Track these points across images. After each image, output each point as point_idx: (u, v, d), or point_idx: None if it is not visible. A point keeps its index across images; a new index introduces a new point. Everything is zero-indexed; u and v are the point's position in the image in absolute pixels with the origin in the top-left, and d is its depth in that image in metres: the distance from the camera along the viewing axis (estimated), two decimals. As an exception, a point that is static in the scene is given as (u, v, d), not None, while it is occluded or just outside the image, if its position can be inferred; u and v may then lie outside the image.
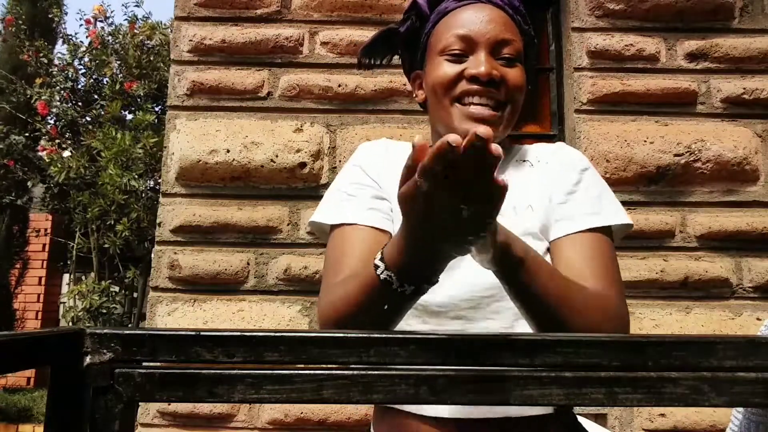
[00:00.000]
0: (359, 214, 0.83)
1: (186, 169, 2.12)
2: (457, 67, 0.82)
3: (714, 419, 1.94)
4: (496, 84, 0.81)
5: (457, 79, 0.82)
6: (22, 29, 5.36)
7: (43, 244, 5.90)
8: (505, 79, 0.82)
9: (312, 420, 1.95)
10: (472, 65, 0.81)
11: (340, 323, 0.70)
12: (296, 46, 2.21)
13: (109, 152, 3.83)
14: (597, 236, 0.80)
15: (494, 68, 0.80)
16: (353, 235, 0.81)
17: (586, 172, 0.87)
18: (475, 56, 0.81)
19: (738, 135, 2.14)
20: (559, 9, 2.33)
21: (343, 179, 0.90)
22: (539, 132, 2.39)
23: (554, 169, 0.86)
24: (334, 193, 0.89)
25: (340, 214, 0.84)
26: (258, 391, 0.35)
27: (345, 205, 0.85)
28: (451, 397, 0.35)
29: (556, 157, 0.88)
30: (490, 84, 0.80)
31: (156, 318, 2.06)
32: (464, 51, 0.82)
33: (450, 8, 0.85)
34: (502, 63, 0.82)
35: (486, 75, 0.79)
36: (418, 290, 0.63)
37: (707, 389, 0.35)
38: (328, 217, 0.85)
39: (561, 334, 0.38)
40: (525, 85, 0.85)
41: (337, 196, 0.87)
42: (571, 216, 0.80)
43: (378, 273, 0.62)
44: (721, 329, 2.03)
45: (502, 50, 0.82)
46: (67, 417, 0.35)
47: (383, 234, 0.82)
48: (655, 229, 2.08)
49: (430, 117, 0.91)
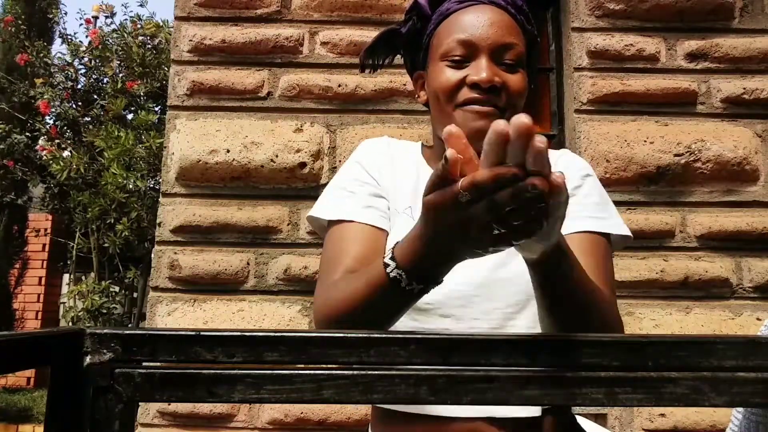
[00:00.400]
0: (357, 211, 0.83)
1: (186, 169, 2.12)
2: (459, 74, 0.82)
3: (714, 419, 1.94)
4: (497, 90, 0.81)
5: (459, 86, 0.82)
6: (21, 29, 5.36)
7: (43, 244, 5.90)
8: (507, 86, 0.82)
9: (312, 420, 1.95)
10: (474, 72, 0.81)
11: (340, 321, 0.70)
12: (296, 46, 2.21)
13: (113, 152, 3.83)
14: (597, 239, 0.79)
15: (495, 74, 0.80)
16: (351, 233, 0.81)
17: (589, 178, 0.87)
18: (477, 62, 0.81)
19: (738, 135, 2.14)
20: (559, 9, 2.33)
21: (343, 175, 0.90)
22: (539, 132, 2.39)
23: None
24: (334, 189, 0.88)
25: (338, 210, 0.84)
26: (258, 391, 0.35)
27: (344, 202, 0.85)
28: (451, 397, 0.35)
29: (559, 165, 0.88)
30: (491, 91, 0.80)
31: (156, 318, 2.06)
32: (465, 56, 0.82)
33: (452, 9, 0.85)
34: (504, 68, 0.82)
35: (487, 82, 0.79)
36: (424, 290, 0.63)
37: (707, 389, 0.35)
38: (327, 213, 0.85)
39: (561, 334, 0.38)
40: (526, 90, 0.85)
41: (337, 192, 0.87)
42: (572, 217, 0.79)
43: (388, 271, 0.62)
44: (721, 329, 2.03)
45: (504, 55, 0.82)
46: (67, 417, 0.35)
47: (380, 232, 0.82)
48: (655, 229, 2.08)
49: (431, 118, 0.91)
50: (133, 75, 4.48)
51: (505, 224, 0.48)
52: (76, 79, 4.86)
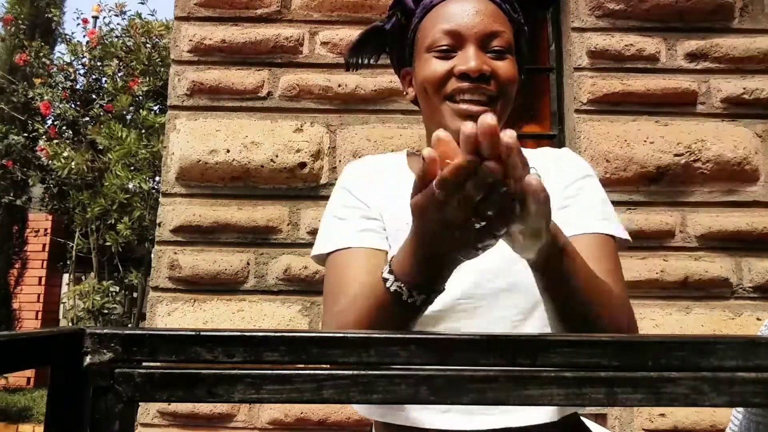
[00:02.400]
0: (352, 237, 0.81)
1: (186, 169, 2.12)
2: (446, 64, 0.79)
3: (714, 419, 1.94)
4: (487, 79, 0.78)
5: (447, 77, 0.79)
6: (21, 29, 5.36)
7: (43, 244, 5.90)
8: (496, 73, 0.79)
9: (312, 420, 1.95)
10: (461, 61, 0.78)
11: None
12: (296, 46, 2.21)
13: (116, 153, 3.83)
14: (606, 239, 0.78)
15: (484, 63, 0.78)
16: (349, 260, 0.79)
17: (591, 179, 0.85)
18: (464, 51, 0.79)
19: (738, 135, 2.14)
20: (559, 9, 2.33)
21: (332, 205, 0.88)
22: (539, 132, 2.39)
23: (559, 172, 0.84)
24: (326, 221, 0.87)
25: (331, 241, 0.83)
26: (258, 391, 0.35)
27: (337, 231, 0.83)
28: (451, 397, 0.35)
29: (561, 162, 0.87)
30: (480, 79, 0.78)
31: (156, 318, 2.06)
32: (452, 46, 0.80)
33: (435, 2, 0.83)
34: (492, 56, 0.80)
35: (476, 71, 0.77)
36: (428, 300, 0.61)
37: (707, 389, 0.35)
38: (324, 247, 0.84)
39: (561, 334, 0.38)
40: (517, 77, 0.82)
41: (329, 223, 0.86)
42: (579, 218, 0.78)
43: (387, 286, 0.61)
44: (721, 329, 2.03)
45: (491, 43, 0.80)
46: (67, 417, 0.35)
47: (380, 253, 0.80)
48: (655, 229, 2.08)
49: (423, 115, 0.89)
50: (132, 74, 4.48)
51: (481, 216, 0.49)
52: (75, 80, 4.85)
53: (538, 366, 0.36)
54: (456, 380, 0.36)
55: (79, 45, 4.97)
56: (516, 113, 2.53)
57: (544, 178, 0.84)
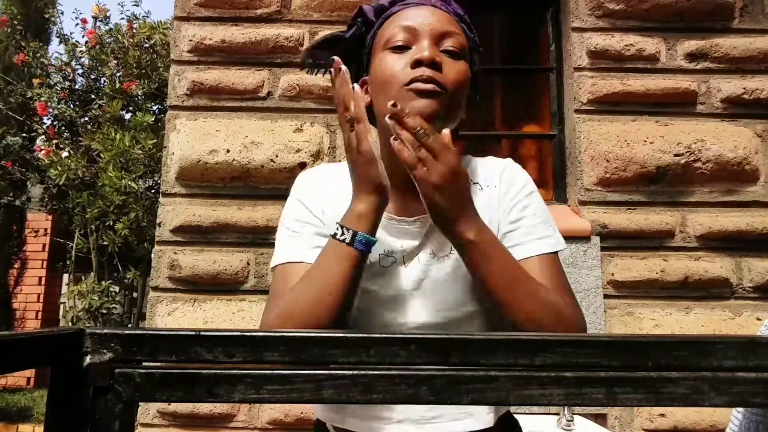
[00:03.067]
0: (303, 252, 0.83)
1: (186, 169, 2.12)
2: (402, 59, 0.81)
3: (714, 419, 1.94)
4: (439, 67, 0.80)
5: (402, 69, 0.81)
6: (17, 29, 5.35)
7: (43, 244, 5.90)
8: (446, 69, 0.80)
9: (312, 420, 1.95)
10: (416, 52, 0.80)
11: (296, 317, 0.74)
12: (296, 46, 2.21)
13: (109, 153, 3.82)
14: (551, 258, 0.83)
15: (437, 55, 0.80)
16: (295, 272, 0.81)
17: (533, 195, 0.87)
18: (419, 45, 0.81)
19: (738, 135, 2.14)
20: (559, 9, 2.33)
21: (286, 216, 0.89)
22: (539, 132, 2.40)
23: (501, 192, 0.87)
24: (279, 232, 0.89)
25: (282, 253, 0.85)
26: (258, 391, 0.35)
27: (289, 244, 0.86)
28: (451, 398, 0.35)
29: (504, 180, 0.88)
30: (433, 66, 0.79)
31: (156, 318, 2.06)
32: (408, 42, 0.82)
33: (394, 10, 0.86)
34: (446, 55, 0.82)
35: (429, 59, 0.79)
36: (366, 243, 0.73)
37: (707, 389, 0.35)
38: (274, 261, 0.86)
39: (561, 335, 0.38)
40: (467, 82, 0.84)
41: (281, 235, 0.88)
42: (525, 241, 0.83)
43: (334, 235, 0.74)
44: (721, 329, 2.03)
45: (445, 42, 0.82)
46: (67, 417, 0.35)
47: None
48: (655, 229, 2.08)
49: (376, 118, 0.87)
50: (130, 76, 4.48)
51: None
52: (73, 80, 4.85)
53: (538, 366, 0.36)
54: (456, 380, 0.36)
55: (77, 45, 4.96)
56: (516, 113, 2.53)
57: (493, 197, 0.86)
